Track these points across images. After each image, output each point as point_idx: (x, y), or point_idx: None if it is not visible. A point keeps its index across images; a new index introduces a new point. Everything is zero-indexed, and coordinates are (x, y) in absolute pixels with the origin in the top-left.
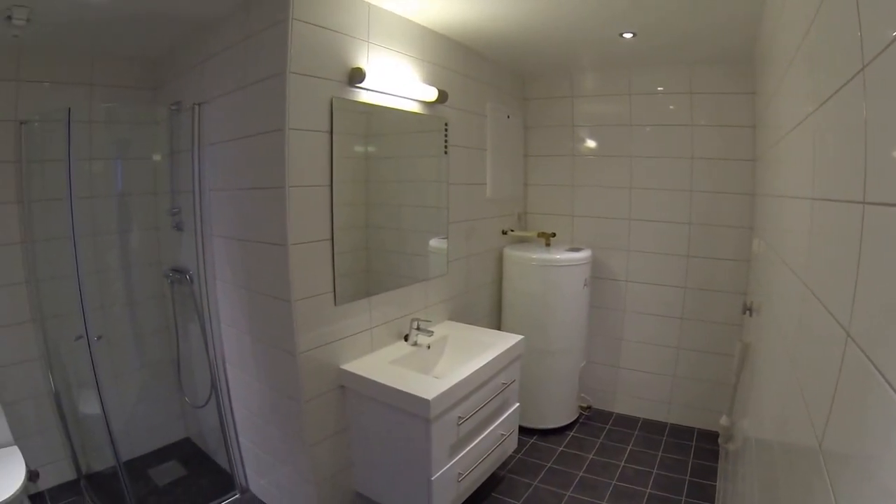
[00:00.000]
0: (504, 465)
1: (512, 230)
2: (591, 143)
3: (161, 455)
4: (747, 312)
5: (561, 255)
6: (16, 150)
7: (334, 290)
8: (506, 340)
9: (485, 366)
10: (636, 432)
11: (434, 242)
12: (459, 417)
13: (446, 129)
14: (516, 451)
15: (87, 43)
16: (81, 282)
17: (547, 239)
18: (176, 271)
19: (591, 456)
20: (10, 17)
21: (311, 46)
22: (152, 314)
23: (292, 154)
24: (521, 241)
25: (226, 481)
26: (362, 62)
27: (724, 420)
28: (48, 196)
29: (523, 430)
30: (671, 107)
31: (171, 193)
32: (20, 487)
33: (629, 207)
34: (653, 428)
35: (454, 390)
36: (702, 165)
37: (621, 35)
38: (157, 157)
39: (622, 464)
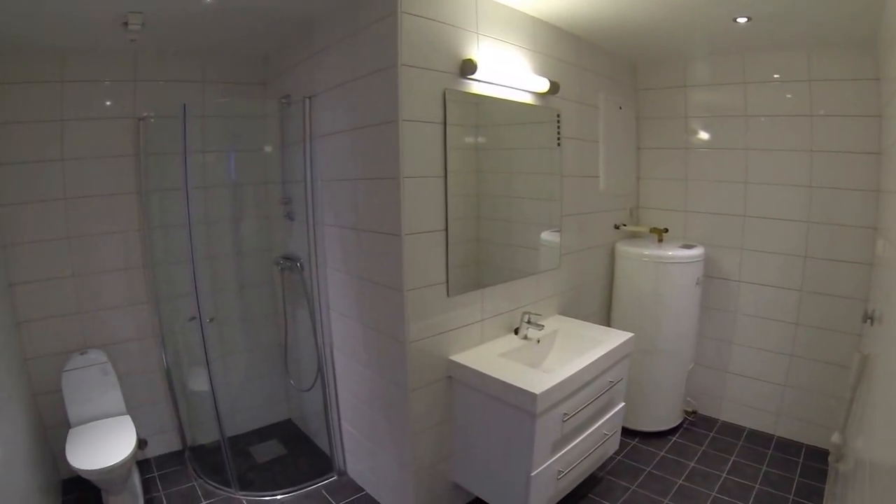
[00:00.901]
0: (603, 465)
1: (624, 225)
2: (704, 135)
3: (263, 434)
4: (868, 321)
5: (673, 252)
6: (134, 144)
7: (447, 281)
8: (615, 338)
9: (593, 363)
10: (741, 442)
11: (546, 235)
12: (565, 414)
13: (559, 121)
14: (616, 453)
15: (198, 43)
16: (196, 267)
17: (660, 235)
18: (287, 259)
19: (692, 464)
20: (126, 24)
21: (420, 39)
22: (262, 299)
23: (406, 145)
24: (633, 236)
25: (324, 463)
26: (473, 54)
27: (835, 437)
28: (164, 187)
29: (625, 432)
30: (788, 95)
31: (281, 184)
32: (131, 453)
33: (744, 203)
34: (759, 439)
35: (561, 386)
36: (821, 159)
37: (735, 20)
38: (268, 149)
39: (724, 475)
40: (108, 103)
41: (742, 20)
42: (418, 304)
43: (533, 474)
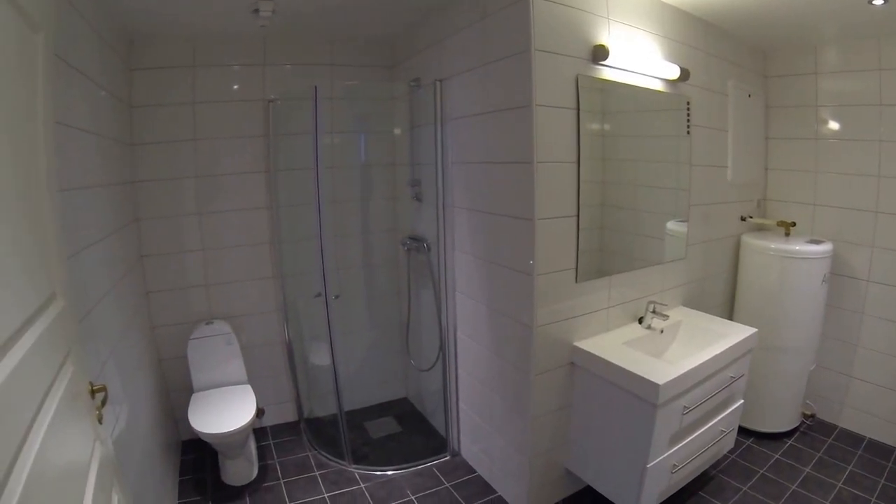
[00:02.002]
0: (716, 464)
1: (751, 217)
2: (835, 126)
3: (379, 410)
4: None
5: (800, 247)
6: (263, 125)
7: (576, 267)
8: (739, 332)
9: (716, 356)
10: (859, 452)
11: (671, 225)
12: (685, 407)
13: (688, 108)
14: (730, 451)
15: (326, 27)
16: (324, 244)
17: (787, 228)
18: (413, 239)
19: (807, 469)
20: (257, 11)
21: (552, 24)
22: (386, 279)
23: (540, 130)
24: (759, 228)
25: (438, 443)
26: (604, 39)
27: None
28: (292, 166)
29: (740, 430)
30: None
31: (410, 166)
32: (250, 420)
33: (876, 198)
34: (879, 451)
35: (684, 378)
36: None
37: (871, 2)
38: (396, 132)
39: (839, 484)
40: (237, 87)
41: (879, 2)
42: (547, 288)
43: (649, 466)
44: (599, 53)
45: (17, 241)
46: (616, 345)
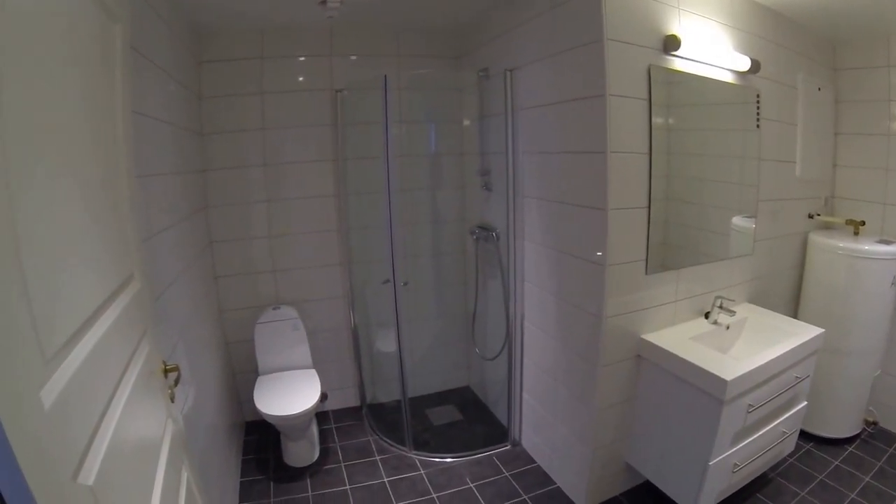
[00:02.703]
0: (775, 466)
1: (818, 214)
2: None
3: (440, 398)
4: None
5: (870, 247)
6: (331, 114)
7: (647, 259)
8: (806, 332)
9: (783, 355)
10: None
11: (737, 220)
12: (750, 405)
13: (758, 101)
14: (790, 455)
15: (392, 18)
16: (393, 232)
17: (856, 227)
18: (482, 229)
19: (867, 479)
20: (324, 2)
21: (624, 13)
22: (453, 267)
23: (613, 120)
24: (827, 227)
25: (499, 432)
26: (675, 29)
27: None
28: (359, 155)
29: (799, 434)
30: None
31: (478, 155)
32: (315, 403)
33: None
34: None
35: (751, 375)
36: None
37: None
38: (465, 122)
39: None
40: (305, 77)
41: None
42: (618, 279)
43: (711, 464)
44: (671, 44)
45: (100, 223)
46: (683, 339)
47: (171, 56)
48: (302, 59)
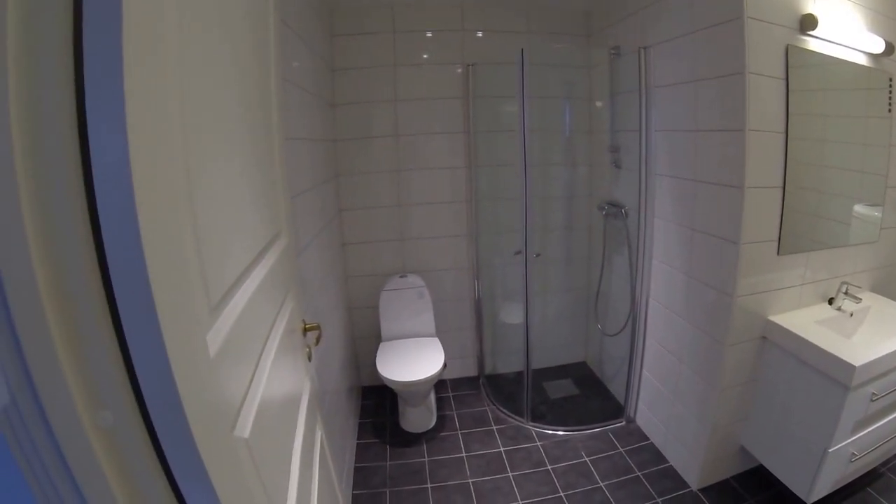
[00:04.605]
0: (887, 461)
1: None
2: None
3: (558, 372)
4: None
5: None
6: (462, 88)
7: (779, 240)
8: None
9: None
10: None
11: (859, 208)
12: (873, 394)
13: (891, 86)
14: None
15: None
16: (528, 204)
17: None
18: (611, 205)
19: None
20: None
21: None
22: (579, 242)
23: (751, 98)
24: None
25: (613, 408)
26: (810, 8)
27: None
28: (490, 128)
29: None
30: None
31: (609, 132)
32: (438, 371)
33: None
34: None
35: (878, 363)
36: None
37: None
38: (594, 99)
39: None
40: (436, 51)
41: None
42: (750, 259)
43: (830, 451)
44: (808, 23)
45: (256, 179)
46: (809, 323)
47: (309, 28)
48: (433, 33)
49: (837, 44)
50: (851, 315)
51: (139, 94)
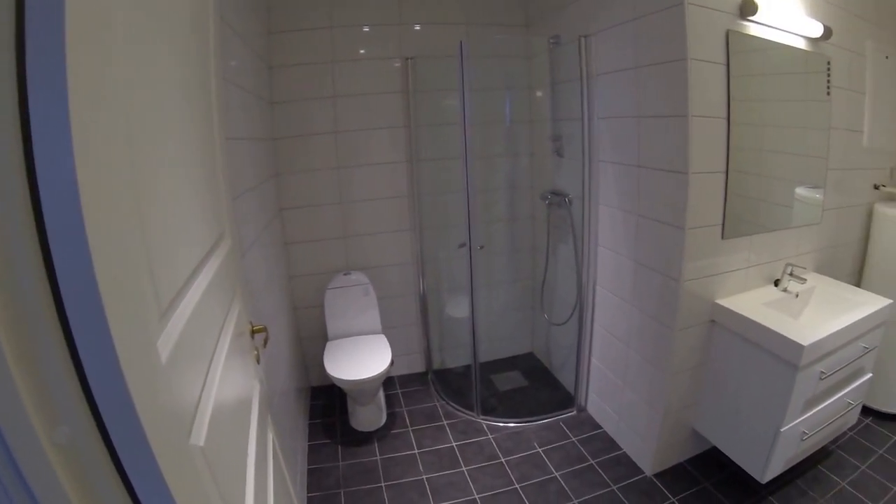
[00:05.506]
0: (835, 439)
1: (884, 185)
2: None
3: (506, 364)
4: None
5: None
6: (402, 82)
7: (723, 224)
8: (875, 302)
9: (853, 324)
10: None
11: (801, 191)
12: (822, 372)
13: (829, 69)
14: (850, 428)
15: None
16: (471, 197)
17: None
18: (555, 194)
19: None
20: None
21: None
22: (523, 233)
23: (693, 84)
24: (892, 198)
25: (564, 397)
26: None
27: None
28: (431, 122)
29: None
30: None
31: (550, 121)
32: (386, 368)
33: None
34: None
35: (825, 342)
36: None
37: None
38: (534, 88)
39: None
40: (374, 46)
41: None
42: (696, 243)
43: (782, 430)
44: (748, 8)
45: (198, 182)
46: (756, 305)
47: (247, 25)
48: (371, 28)
49: (777, 28)
50: (797, 296)
51: (83, 97)
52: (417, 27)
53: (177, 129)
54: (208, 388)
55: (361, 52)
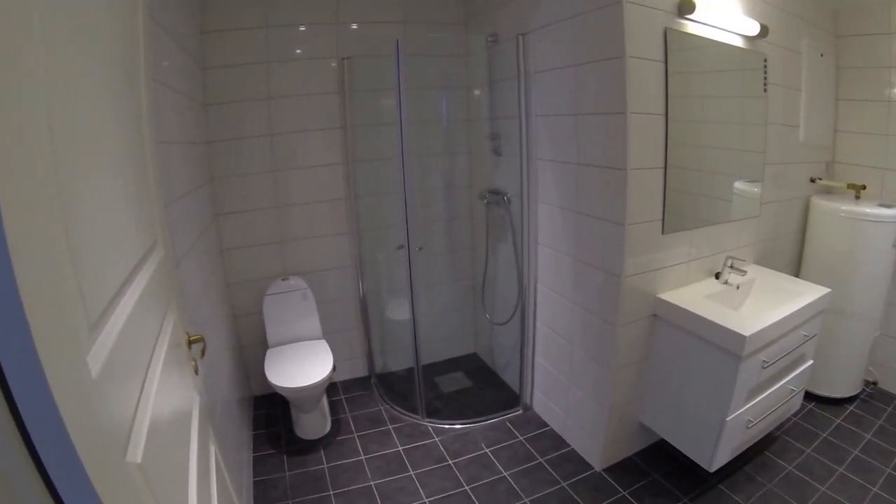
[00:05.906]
0: (781, 425)
1: (820, 179)
2: None
3: (450, 365)
4: None
5: (871, 210)
6: (338, 82)
7: (663, 219)
8: (813, 291)
9: (794, 313)
10: None
11: (740, 185)
12: (764, 361)
13: (765, 66)
14: (794, 414)
15: None
16: (408, 197)
17: (857, 191)
18: (493, 193)
19: (868, 436)
20: None
21: None
22: (464, 233)
23: (632, 81)
24: (828, 191)
25: (509, 397)
26: None
27: None
28: (367, 122)
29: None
30: None
31: (488, 120)
32: (328, 374)
33: None
34: None
35: (767, 332)
36: None
37: None
38: (472, 87)
39: None
40: (310, 46)
41: None
42: (636, 239)
43: (728, 419)
44: (686, 7)
45: (127, 188)
46: (698, 298)
47: (178, 23)
48: (307, 27)
49: (714, 27)
50: (738, 287)
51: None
52: (354, 26)
53: (103, 131)
54: (144, 403)
55: (297, 51)
